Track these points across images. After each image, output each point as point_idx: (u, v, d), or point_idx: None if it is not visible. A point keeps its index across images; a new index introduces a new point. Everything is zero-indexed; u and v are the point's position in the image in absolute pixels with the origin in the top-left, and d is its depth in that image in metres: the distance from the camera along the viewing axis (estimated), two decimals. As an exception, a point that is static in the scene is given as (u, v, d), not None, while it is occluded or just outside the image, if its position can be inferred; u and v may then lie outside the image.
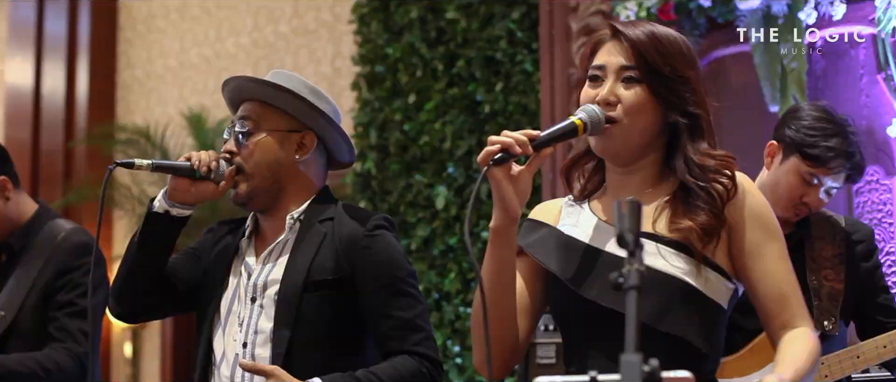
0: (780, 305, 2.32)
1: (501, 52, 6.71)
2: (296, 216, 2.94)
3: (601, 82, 2.35)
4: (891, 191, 4.89)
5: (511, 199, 2.27)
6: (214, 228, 3.15)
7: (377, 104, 7.23)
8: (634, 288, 1.67)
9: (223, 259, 3.01)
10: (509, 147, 2.23)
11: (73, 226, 3.85)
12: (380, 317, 2.85)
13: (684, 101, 2.34)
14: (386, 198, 7.14)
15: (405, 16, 7.20)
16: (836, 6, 4.80)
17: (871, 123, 4.96)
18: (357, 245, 2.88)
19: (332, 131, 3.01)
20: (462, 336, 6.62)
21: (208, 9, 10.08)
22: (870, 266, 3.63)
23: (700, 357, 2.27)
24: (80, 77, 10.65)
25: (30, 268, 3.72)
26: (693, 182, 2.32)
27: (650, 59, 2.32)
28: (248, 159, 2.94)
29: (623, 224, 1.74)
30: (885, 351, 3.46)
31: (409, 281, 2.92)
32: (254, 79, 2.99)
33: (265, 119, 2.97)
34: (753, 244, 2.32)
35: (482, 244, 6.57)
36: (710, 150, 2.36)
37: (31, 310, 3.67)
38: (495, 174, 2.24)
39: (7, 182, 3.79)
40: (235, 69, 9.51)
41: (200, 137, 8.46)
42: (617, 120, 2.31)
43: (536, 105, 6.43)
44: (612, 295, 2.25)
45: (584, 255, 2.35)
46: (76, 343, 3.63)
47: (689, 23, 5.36)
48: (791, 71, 5.01)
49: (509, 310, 2.38)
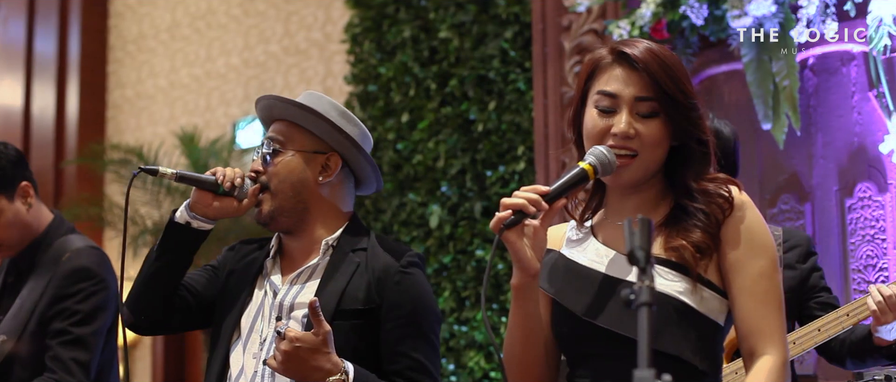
0: (750, 327, 2.31)
1: (494, 71, 6.74)
2: (330, 242, 2.94)
3: (613, 114, 2.32)
4: (883, 208, 4.91)
5: (530, 259, 2.26)
6: (236, 246, 3.14)
7: (370, 123, 7.25)
8: (646, 305, 1.69)
9: (247, 275, 3.00)
10: (523, 208, 2.21)
11: (79, 247, 3.73)
12: (395, 353, 2.85)
13: (698, 129, 2.34)
14: (379, 217, 7.16)
15: (398, 35, 7.23)
16: (827, 24, 4.82)
17: (863, 140, 4.99)
18: (390, 279, 2.87)
19: (359, 155, 3.00)
20: (457, 354, 6.63)
21: (199, 29, 10.10)
22: (807, 267, 3.73)
23: (698, 374, 2.29)
24: (70, 97, 10.65)
25: (33, 291, 3.65)
26: (692, 205, 2.33)
27: (666, 88, 2.29)
28: (272, 178, 2.93)
29: (634, 241, 1.75)
30: (819, 335, 3.56)
31: (433, 327, 2.92)
32: (282, 99, 2.98)
33: (292, 139, 2.96)
34: (737, 260, 2.31)
35: (476, 262, 6.59)
36: (714, 175, 2.37)
37: (31, 336, 3.60)
38: (509, 237, 2.23)
39: (29, 187, 3.73)
40: (226, 89, 9.53)
41: (193, 156, 8.47)
42: (635, 152, 2.30)
43: (529, 123, 6.46)
44: (611, 317, 2.28)
45: (585, 279, 2.37)
46: (69, 374, 3.53)
47: (681, 41, 5.37)
48: (783, 89, 5.02)
49: (541, 356, 2.40)
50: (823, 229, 5.09)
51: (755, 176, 5.21)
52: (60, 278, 3.62)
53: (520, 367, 2.40)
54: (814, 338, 3.57)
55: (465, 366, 6.55)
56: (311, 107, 2.95)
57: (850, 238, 5.01)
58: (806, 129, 5.12)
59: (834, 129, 5.11)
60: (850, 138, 5.05)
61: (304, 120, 2.96)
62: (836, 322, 3.56)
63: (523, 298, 2.32)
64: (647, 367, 1.61)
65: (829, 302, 3.72)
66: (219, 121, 9.53)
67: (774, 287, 2.33)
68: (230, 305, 2.98)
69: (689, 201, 2.33)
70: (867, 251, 4.90)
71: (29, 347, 3.59)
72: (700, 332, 2.29)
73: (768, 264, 2.33)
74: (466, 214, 6.77)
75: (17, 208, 3.70)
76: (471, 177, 6.76)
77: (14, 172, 3.70)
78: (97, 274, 3.66)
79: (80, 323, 3.57)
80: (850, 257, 4.99)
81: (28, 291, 3.65)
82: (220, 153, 8.52)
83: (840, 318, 3.55)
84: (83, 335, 3.58)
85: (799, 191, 5.15)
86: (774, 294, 2.33)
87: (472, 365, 6.50)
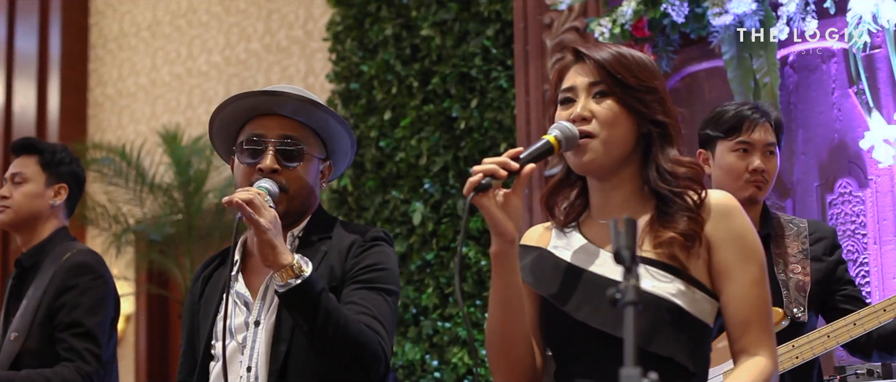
0: (742, 330, 2.34)
1: (476, 68, 6.75)
2: (296, 233, 2.93)
3: (573, 103, 2.40)
4: (863, 203, 4.95)
5: (504, 223, 2.29)
6: (198, 272, 3.10)
7: (352, 121, 7.26)
8: (631, 304, 1.71)
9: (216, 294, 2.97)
10: (493, 172, 2.26)
11: (80, 248, 3.98)
12: (345, 303, 2.79)
13: (653, 110, 2.39)
14: (362, 215, 7.17)
15: (380, 33, 7.24)
16: (808, 22, 4.85)
17: (844, 136, 5.02)
18: (353, 250, 2.87)
19: (345, 165, 3.06)
20: (440, 350, 6.64)
21: (180, 27, 10.07)
22: (833, 260, 3.75)
23: (688, 375, 2.31)
24: (51, 95, 10.60)
25: (38, 289, 3.83)
26: (666, 189, 2.36)
27: (615, 71, 2.37)
28: (292, 183, 2.89)
29: (620, 241, 1.77)
30: (854, 329, 3.56)
31: (390, 290, 2.88)
32: (316, 103, 2.91)
33: (308, 142, 2.93)
34: (728, 264, 2.35)
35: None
36: (679, 158, 2.41)
37: (39, 329, 3.79)
38: (482, 201, 2.26)
39: (66, 191, 4.05)
40: (207, 87, 9.52)
41: (175, 155, 8.46)
42: (593, 133, 2.36)
43: (512, 121, 6.48)
44: (601, 316, 2.30)
45: (573, 277, 2.39)
46: (85, 363, 3.72)
47: (662, 39, 5.39)
48: (764, 85, 5.05)
49: (523, 334, 2.40)
50: (804, 225, 5.12)
51: (736, 172, 5.24)
52: (63, 271, 3.84)
53: (502, 346, 2.39)
54: (849, 332, 3.56)
55: (448, 362, 6.57)
56: (343, 120, 2.94)
57: (830, 233, 5.04)
58: (787, 126, 5.14)
59: (814, 126, 5.14)
60: (831, 134, 5.08)
61: (324, 127, 2.94)
62: (873, 316, 3.55)
63: (502, 266, 2.33)
64: (633, 366, 1.63)
65: (853, 295, 3.74)
66: (200, 118, 9.51)
67: (765, 293, 2.38)
68: (205, 322, 2.95)
69: (665, 184, 2.37)
70: (848, 246, 4.93)
71: (38, 338, 3.79)
72: (691, 334, 2.32)
73: (759, 270, 2.38)
74: (449, 211, 6.78)
75: (46, 193, 4.02)
76: (453, 175, 6.78)
77: (66, 169, 4.08)
78: (96, 270, 3.90)
79: (87, 315, 3.78)
80: (830, 252, 5.02)
81: (33, 290, 3.86)
82: (203, 151, 8.50)
83: (877, 312, 3.54)
84: (92, 327, 3.78)
85: (780, 186, 5.18)
86: (766, 300, 2.38)
87: (455, 361, 6.52)
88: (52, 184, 4.03)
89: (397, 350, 6.73)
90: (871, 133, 4.80)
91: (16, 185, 4.01)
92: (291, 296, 2.65)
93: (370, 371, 2.77)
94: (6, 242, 10.04)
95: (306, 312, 2.66)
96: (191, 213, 8.39)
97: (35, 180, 4.01)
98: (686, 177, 2.37)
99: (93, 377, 3.72)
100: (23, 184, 4.01)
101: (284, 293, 2.65)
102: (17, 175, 4.02)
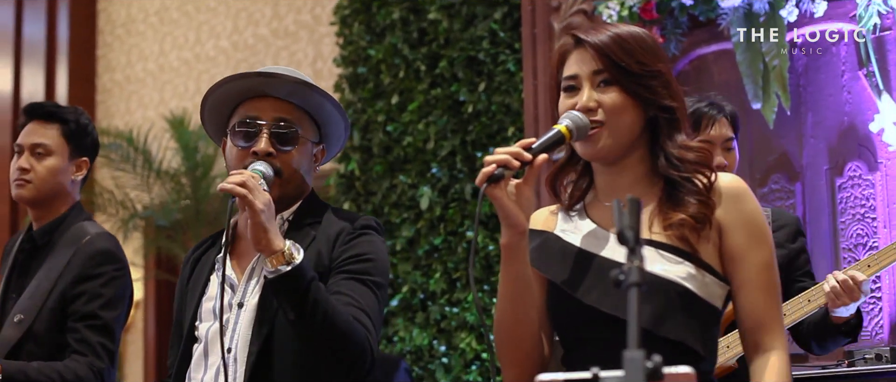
0: (755, 320, 2.34)
1: (484, 52, 6.72)
2: (286, 216, 2.90)
3: (577, 92, 2.37)
4: (873, 187, 4.92)
5: (516, 214, 2.27)
6: (188, 256, 3.09)
7: (360, 105, 7.24)
8: (635, 285, 1.68)
9: (203, 275, 2.96)
10: (506, 163, 2.23)
11: (99, 231, 3.75)
12: (332, 291, 2.75)
13: (658, 95, 2.37)
14: (370, 199, 7.15)
15: (387, 17, 7.21)
16: (817, 4, 4.82)
17: (853, 119, 5.00)
18: (342, 238, 2.83)
19: (337, 149, 3.03)
20: (448, 335, 6.63)
21: (188, 12, 10.06)
22: (796, 247, 3.80)
23: (698, 358, 2.29)
24: (59, 81, 10.59)
25: (51, 271, 3.63)
26: (676, 175, 2.35)
27: (617, 59, 2.34)
28: (286, 166, 2.85)
29: (623, 221, 1.75)
30: (809, 305, 3.65)
31: (379, 283, 2.84)
32: (312, 86, 2.87)
33: (302, 125, 2.89)
34: (739, 248, 2.34)
35: (467, 243, 6.59)
36: (688, 142, 2.39)
37: (49, 314, 3.57)
38: (494, 192, 2.24)
39: (87, 164, 3.85)
40: (216, 72, 9.50)
41: (183, 140, 8.45)
42: (602, 122, 2.34)
43: (519, 104, 6.45)
44: (610, 300, 2.28)
45: (582, 261, 2.37)
46: (98, 359, 3.54)
47: (671, 21, 5.38)
48: (773, 68, 5.03)
49: (532, 327, 2.39)
50: (814, 208, 5.10)
51: (745, 155, 5.21)
52: (84, 258, 3.63)
53: (510, 337, 2.38)
54: (803, 309, 3.67)
55: (456, 348, 6.56)
56: (337, 103, 2.91)
57: (840, 217, 5.02)
58: (796, 109, 5.12)
59: (824, 109, 5.12)
60: (840, 117, 5.05)
61: (318, 110, 2.90)
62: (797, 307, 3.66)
63: (513, 258, 2.32)
64: (636, 348, 1.61)
65: (805, 288, 3.76)
66: (209, 104, 9.49)
67: (776, 277, 2.38)
68: (191, 302, 2.94)
69: (674, 171, 2.35)
70: (857, 230, 4.91)
71: (46, 324, 3.57)
72: (701, 318, 2.31)
73: (769, 254, 2.37)
74: (457, 196, 6.76)
75: (67, 168, 3.78)
76: (461, 159, 6.75)
77: (90, 140, 3.84)
78: (119, 259, 3.70)
79: (106, 307, 3.59)
80: (840, 236, 5.00)
81: (45, 271, 3.65)
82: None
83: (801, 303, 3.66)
84: (109, 321, 3.60)
85: (789, 170, 5.16)
86: (776, 284, 2.38)
87: (463, 346, 6.50)
88: (75, 157, 3.78)
89: (405, 335, 6.72)
90: (880, 116, 4.78)
91: (38, 157, 3.73)
92: (280, 283, 2.62)
93: (355, 364, 2.73)
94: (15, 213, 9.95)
95: (294, 300, 2.63)
96: (198, 199, 8.38)
97: (59, 153, 3.75)
98: (695, 161, 2.36)
99: (104, 374, 3.54)
100: (46, 157, 3.73)
101: (273, 279, 2.63)
102: (40, 146, 3.73)
